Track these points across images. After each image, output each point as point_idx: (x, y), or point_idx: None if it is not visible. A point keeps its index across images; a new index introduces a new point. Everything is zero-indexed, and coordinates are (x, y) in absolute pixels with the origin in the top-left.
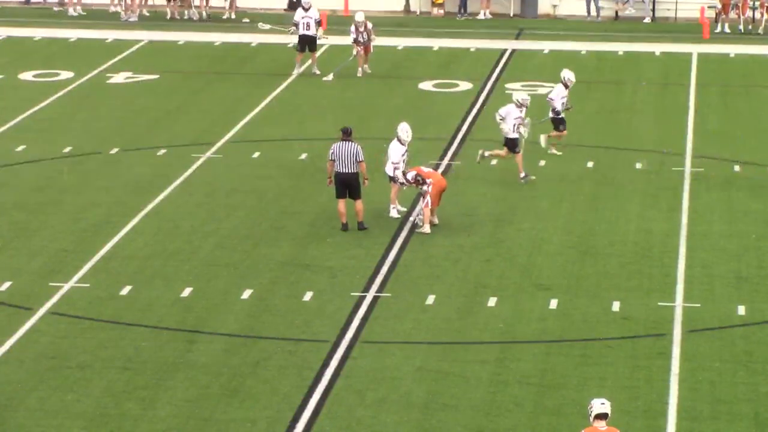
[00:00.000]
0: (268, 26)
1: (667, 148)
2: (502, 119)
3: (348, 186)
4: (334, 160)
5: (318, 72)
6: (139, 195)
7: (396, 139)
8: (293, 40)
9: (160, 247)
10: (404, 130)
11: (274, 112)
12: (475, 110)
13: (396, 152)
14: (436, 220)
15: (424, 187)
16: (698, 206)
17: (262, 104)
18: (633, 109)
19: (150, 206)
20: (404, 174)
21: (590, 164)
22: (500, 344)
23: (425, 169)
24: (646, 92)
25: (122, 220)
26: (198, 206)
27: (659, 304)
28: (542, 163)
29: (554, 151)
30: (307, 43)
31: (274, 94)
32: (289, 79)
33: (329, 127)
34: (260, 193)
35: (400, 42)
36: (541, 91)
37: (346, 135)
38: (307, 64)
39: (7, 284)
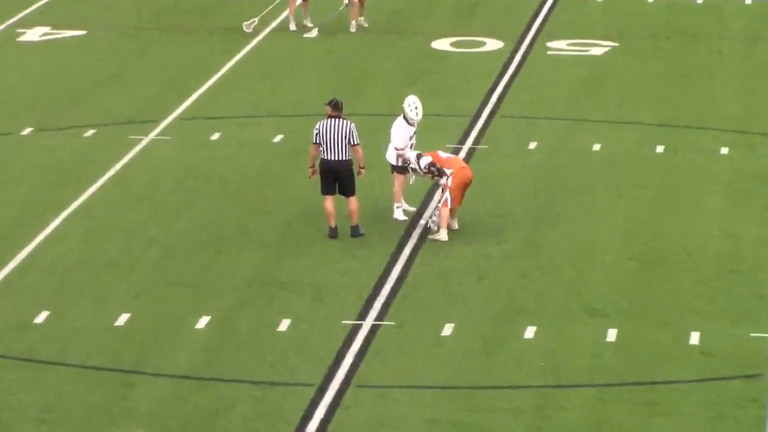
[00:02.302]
0: None
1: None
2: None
3: (338, 178)
4: (318, 144)
5: (310, 25)
6: (61, 188)
7: (402, 116)
8: None
9: (88, 258)
10: (412, 104)
11: (240, 79)
12: (506, 77)
13: (401, 134)
14: (455, 224)
15: (442, 180)
16: None
17: (224, 69)
18: (713, 73)
19: (75, 203)
20: (417, 160)
21: (659, 148)
22: (540, 388)
23: (443, 155)
24: (731, 51)
25: (38, 221)
26: (139, 203)
27: (751, 335)
28: (596, 147)
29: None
30: None
31: (239, 56)
32: (259, 37)
33: (312, 99)
34: (221, 187)
35: None
36: (594, 51)
37: (335, 110)
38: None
39: None
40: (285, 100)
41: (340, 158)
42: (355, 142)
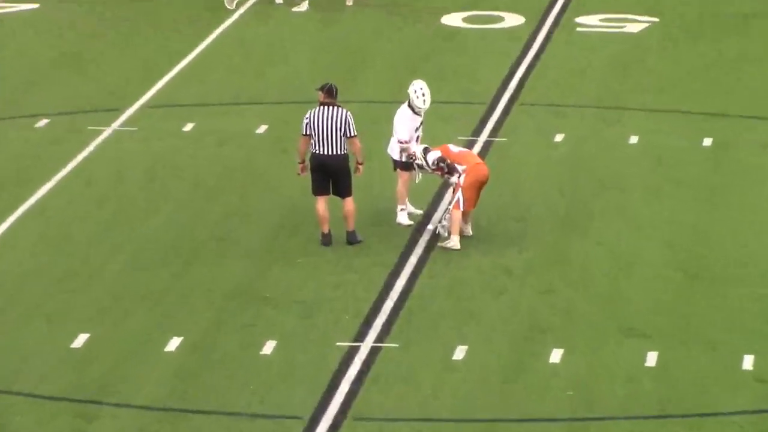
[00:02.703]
0: None
1: None
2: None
3: (331, 175)
4: (309, 135)
5: None
6: (10, 188)
7: (406, 104)
8: None
9: (41, 268)
10: (419, 90)
11: (217, 60)
12: (528, 58)
13: (405, 124)
14: (470, 230)
15: (453, 178)
16: None
17: (199, 48)
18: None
19: (27, 204)
20: (424, 155)
21: (706, 141)
22: (568, 421)
23: (454, 150)
24: None
25: None
26: (100, 204)
27: None
28: (633, 139)
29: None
30: None
31: (216, 32)
32: (240, 11)
33: (302, 83)
34: (195, 186)
35: None
36: (630, 28)
37: (329, 96)
38: None
39: None
40: (270, 84)
41: (334, 152)
42: (352, 134)
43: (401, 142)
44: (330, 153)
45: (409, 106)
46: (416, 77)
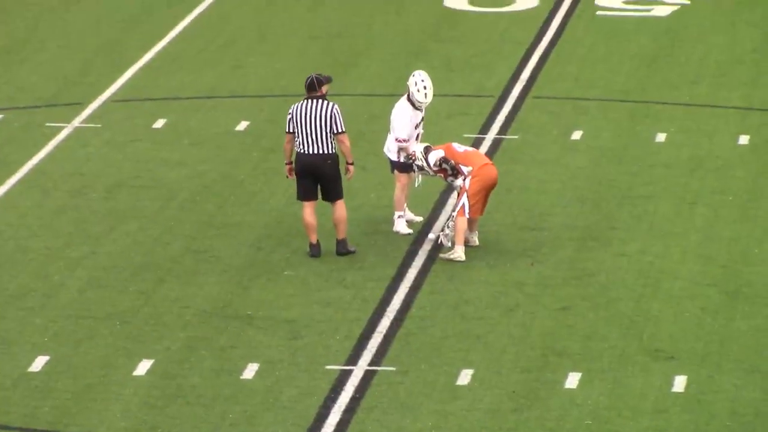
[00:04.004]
0: None
1: None
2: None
3: (319, 178)
4: (293, 133)
5: None
6: None
7: (405, 97)
8: None
9: None
10: (420, 82)
11: (192, 48)
12: (543, 45)
13: (404, 121)
14: (475, 240)
15: (458, 181)
16: None
17: (171, 34)
18: None
19: None
20: (425, 155)
21: (746, 140)
22: None
23: (459, 149)
24: None
25: None
26: (58, 213)
27: None
28: (661, 137)
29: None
30: None
31: (191, 16)
32: None
33: (288, 74)
34: (166, 191)
35: None
36: (659, 11)
37: (314, 89)
38: None
39: None
40: (252, 76)
41: (321, 151)
42: (339, 130)
43: (399, 141)
44: (315, 152)
45: (409, 100)
46: (417, 67)
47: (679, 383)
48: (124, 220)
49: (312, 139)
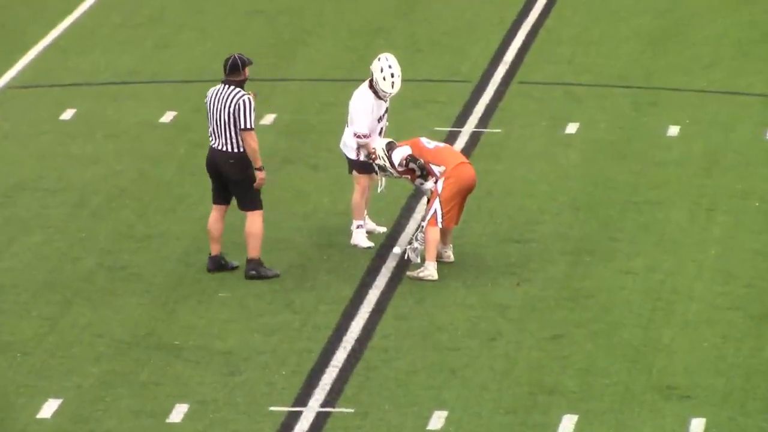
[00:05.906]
0: None
1: None
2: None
3: (225, 179)
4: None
5: None
6: None
7: (367, 84)
8: None
9: None
10: (386, 66)
11: (105, 25)
12: (529, 22)
13: (365, 112)
14: (450, 254)
15: (428, 184)
16: None
17: (80, 10)
18: None
19: None
20: (388, 152)
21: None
22: None
23: (429, 145)
24: None
25: None
26: None
27: None
28: (672, 130)
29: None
30: None
31: None
32: None
33: (221, 55)
34: (77, 195)
35: None
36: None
37: (237, 70)
38: None
39: None
40: (179, 58)
41: (224, 148)
42: (244, 126)
43: (359, 136)
44: (219, 148)
45: (372, 87)
46: (376, 48)
47: (697, 427)
48: (25, 230)
49: (218, 133)
